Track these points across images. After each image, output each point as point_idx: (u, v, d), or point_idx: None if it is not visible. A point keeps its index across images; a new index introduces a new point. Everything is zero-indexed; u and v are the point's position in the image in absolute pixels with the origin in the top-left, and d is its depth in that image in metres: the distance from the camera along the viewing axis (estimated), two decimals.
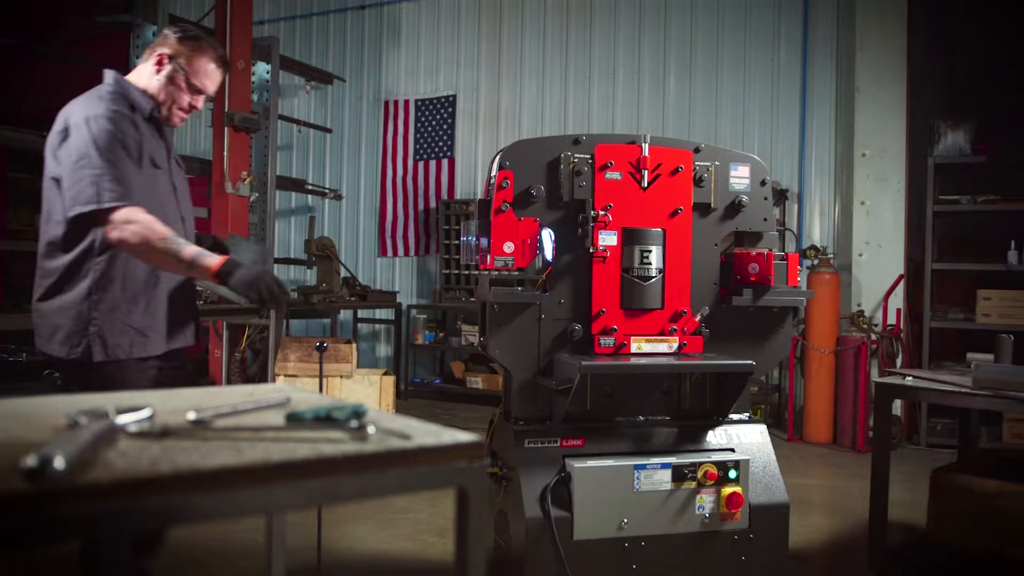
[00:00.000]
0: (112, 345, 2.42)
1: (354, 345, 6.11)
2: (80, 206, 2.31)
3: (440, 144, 8.66)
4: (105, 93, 2.47)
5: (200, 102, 2.60)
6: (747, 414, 3.09)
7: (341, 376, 5.96)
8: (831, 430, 6.49)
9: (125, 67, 5.94)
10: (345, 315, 8.69)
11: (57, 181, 2.39)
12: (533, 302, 2.88)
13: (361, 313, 8.70)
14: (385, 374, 6.25)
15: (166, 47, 2.55)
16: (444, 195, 8.61)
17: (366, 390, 6.05)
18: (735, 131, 7.56)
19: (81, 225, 2.37)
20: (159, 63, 2.54)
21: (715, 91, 7.68)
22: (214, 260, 2.32)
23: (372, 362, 8.74)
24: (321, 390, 3.17)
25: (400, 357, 8.44)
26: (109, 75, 2.54)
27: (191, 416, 1.35)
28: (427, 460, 1.27)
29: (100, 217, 2.32)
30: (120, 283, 2.42)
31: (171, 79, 2.53)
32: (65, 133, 2.38)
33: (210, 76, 2.58)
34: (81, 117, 2.37)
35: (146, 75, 2.55)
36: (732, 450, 2.94)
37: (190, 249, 2.33)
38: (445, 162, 8.66)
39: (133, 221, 2.30)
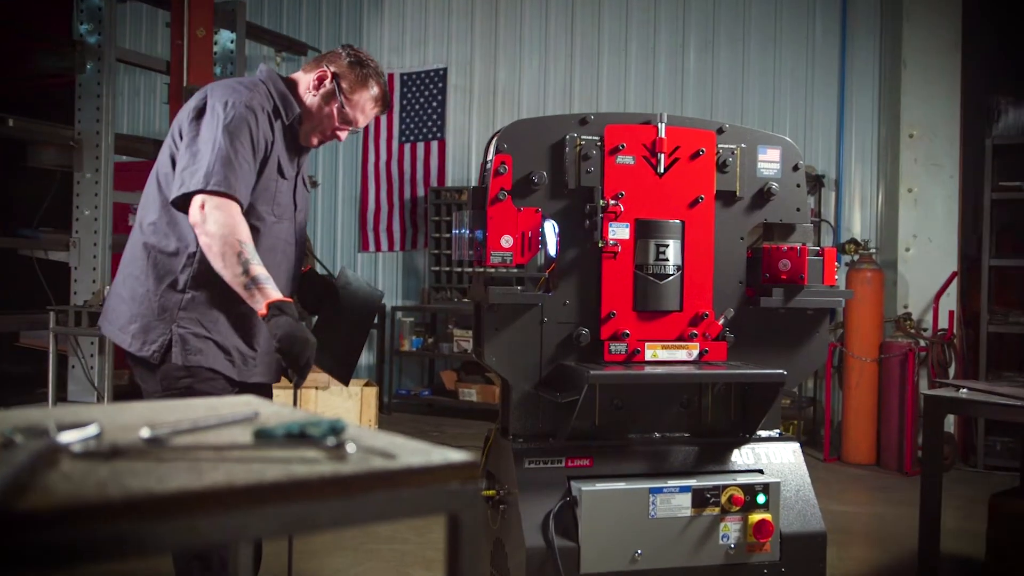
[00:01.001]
0: (194, 351, 2.51)
1: None
2: (186, 187, 2.41)
3: (429, 124, 8.67)
4: (253, 84, 2.60)
5: (344, 135, 2.73)
6: (778, 431, 3.09)
7: (316, 387, 5.97)
8: (874, 449, 6.50)
9: (67, 33, 5.96)
10: None
11: (173, 161, 2.51)
12: (534, 303, 2.89)
13: None
14: (366, 385, 6.26)
15: (334, 66, 2.67)
16: (433, 182, 8.63)
17: (345, 403, 6.06)
18: (764, 110, 7.58)
19: (184, 208, 2.47)
20: (320, 80, 2.66)
21: (741, 65, 7.68)
22: (273, 294, 2.40)
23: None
24: (294, 403, 3.17)
25: (384, 366, 8.46)
26: (263, 68, 2.69)
27: (145, 433, 1.35)
28: (414, 482, 1.27)
29: (196, 199, 2.42)
30: (221, 287, 2.49)
31: (327, 101, 2.66)
32: (200, 111, 2.51)
33: (365, 112, 2.71)
34: (219, 99, 2.49)
35: (303, 86, 2.68)
36: (761, 471, 2.94)
37: (260, 270, 2.41)
38: (435, 144, 8.68)
39: (224, 212, 2.40)
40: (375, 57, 2.82)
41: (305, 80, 2.68)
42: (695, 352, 2.95)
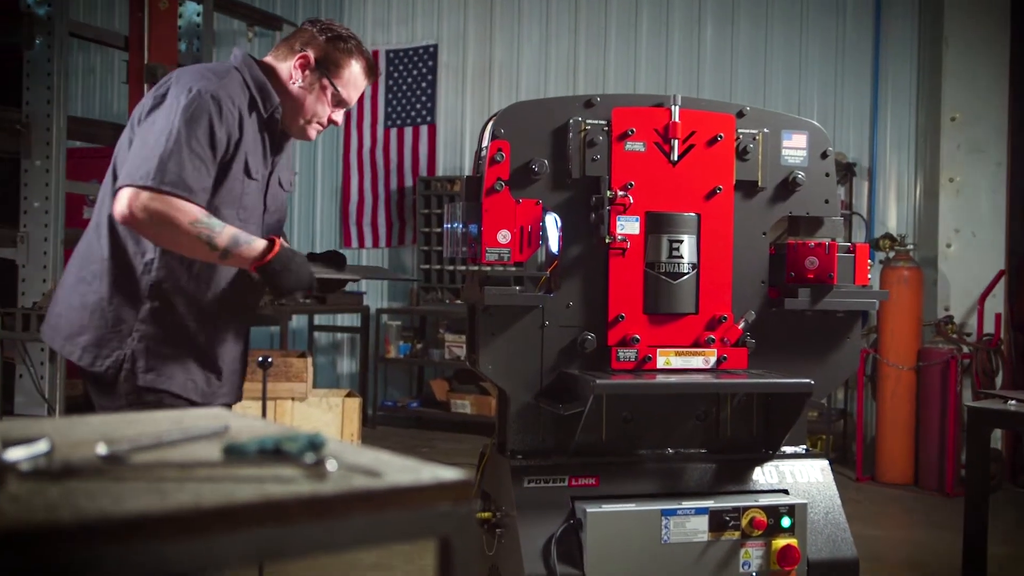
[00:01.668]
0: (153, 370, 2.52)
1: (309, 359, 6.13)
2: (133, 179, 2.39)
3: (418, 107, 8.68)
4: (225, 72, 2.59)
5: (340, 117, 2.75)
6: (804, 446, 3.10)
7: (293, 398, 5.98)
8: (911, 468, 6.51)
9: (14, 4, 5.93)
10: (298, 322, 8.73)
11: (130, 145, 2.52)
12: (534, 305, 2.88)
13: (318, 319, 8.73)
14: (348, 396, 6.27)
15: (311, 48, 2.67)
16: (423, 171, 8.65)
17: (324, 415, 6.06)
18: (789, 91, 7.59)
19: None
20: (302, 66, 2.66)
21: (763, 42, 7.69)
22: (260, 245, 2.46)
23: (332, 381, 8.79)
24: (265, 415, 3.17)
25: (368, 374, 8.47)
26: (237, 53, 2.68)
27: (101, 450, 1.35)
28: (402, 503, 1.28)
29: (124, 193, 2.41)
30: (186, 297, 2.52)
31: (313, 87, 2.66)
32: (161, 99, 2.51)
33: (357, 87, 2.73)
34: (183, 87, 2.49)
35: (284, 75, 2.68)
36: (785, 492, 2.94)
37: (226, 236, 2.43)
38: (424, 129, 8.68)
39: (162, 203, 2.39)
40: (358, 33, 2.84)
41: (285, 68, 2.67)
42: (712, 359, 2.96)
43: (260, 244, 2.48)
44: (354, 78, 2.71)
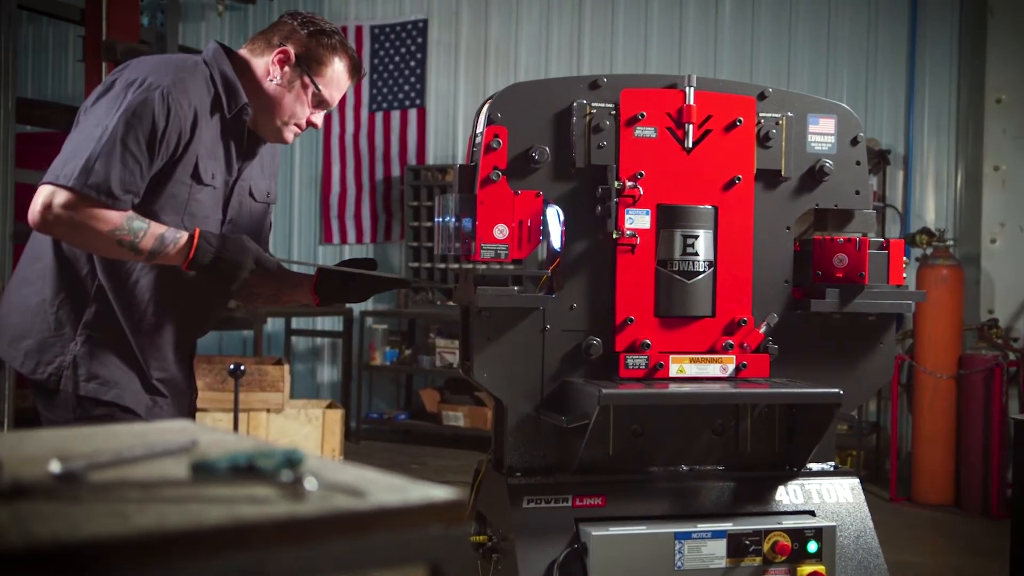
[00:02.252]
0: (97, 379, 2.53)
1: (286, 367, 6.13)
2: (56, 177, 2.40)
3: (406, 89, 8.68)
4: (192, 66, 2.59)
5: (320, 119, 2.77)
6: (833, 463, 3.10)
7: (268, 410, 5.98)
8: (951, 487, 6.52)
9: None
10: (274, 325, 8.73)
11: None
12: (535, 307, 2.88)
13: (296, 323, 8.73)
14: (330, 407, 6.29)
15: (291, 43, 2.67)
16: (411, 159, 8.65)
17: (303, 429, 6.06)
18: (815, 71, 7.59)
19: None
20: (281, 62, 2.66)
21: (788, 16, 7.70)
22: (184, 239, 2.47)
23: (311, 390, 8.80)
24: (237, 428, 3.16)
25: (351, 383, 8.47)
26: (212, 46, 2.69)
27: (55, 467, 1.34)
28: (388, 526, 1.28)
29: (44, 190, 2.42)
30: (134, 302, 2.54)
31: (293, 85, 2.67)
32: (110, 86, 2.51)
33: (340, 87, 2.76)
34: (134, 76, 2.49)
35: (260, 71, 2.68)
36: (812, 513, 2.94)
37: (152, 238, 2.44)
38: (413, 113, 8.69)
39: (78, 213, 2.39)
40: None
41: (261, 64, 2.68)
42: (730, 367, 2.96)
43: (184, 239, 2.49)
44: (337, 77, 2.73)
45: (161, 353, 2.64)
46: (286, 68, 2.67)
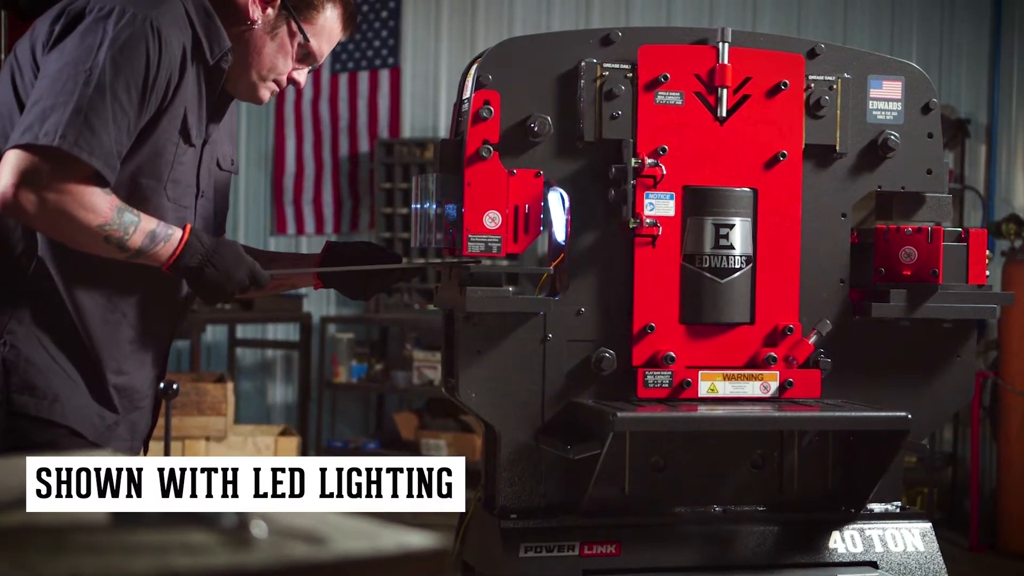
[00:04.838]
0: (29, 387, 2.37)
1: (230, 385, 5.98)
2: (34, 136, 2.23)
3: (376, 45, 8.50)
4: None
5: (304, 77, 2.70)
6: (899, 503, 3.03)
7: (208, 437, 5.82)
8: None
9: None
10: (216, 333, 8.58)
11: (20, 97, 2.39)
12: (534, 312, 2.81)
13: (242, 331, 8.54)
14: (283, 434, 6.18)
15: None
16: (383, 132, 8.51)
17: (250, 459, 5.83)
18: (878, 23, 7.45)
19: None
20: (264, 2, 2.55)
21: None
22: (168, 249, 2.35)
23: (261, 414, 8.63)
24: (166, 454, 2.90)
25: (309, 405, 8.32)
26: None
27: None
28: None
29: (11, 155, 2.30)
30: (82, 290, 2.42)
31: (276, 33, 2.57)
32: (77, 18, 2.34)
33: (330, 39, 2.68)
34: (110, 8, 2.33)
35: (239, 12, 2.56)
36: (874, 565, 2.86)
37: (145, 229, 2.32)
38: (384, 75, 8.50)
39: (60, 194, 2.26)
40: None
41: (240, 3, 2.56)
42: (773, 385, 2.87)
43: (176, 236, 2.40)
44: (329, 27, 2.62)
45: (121, 351, 2.50)
46: (269, 10, 2.55)
